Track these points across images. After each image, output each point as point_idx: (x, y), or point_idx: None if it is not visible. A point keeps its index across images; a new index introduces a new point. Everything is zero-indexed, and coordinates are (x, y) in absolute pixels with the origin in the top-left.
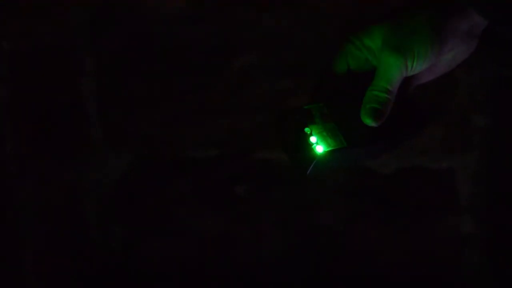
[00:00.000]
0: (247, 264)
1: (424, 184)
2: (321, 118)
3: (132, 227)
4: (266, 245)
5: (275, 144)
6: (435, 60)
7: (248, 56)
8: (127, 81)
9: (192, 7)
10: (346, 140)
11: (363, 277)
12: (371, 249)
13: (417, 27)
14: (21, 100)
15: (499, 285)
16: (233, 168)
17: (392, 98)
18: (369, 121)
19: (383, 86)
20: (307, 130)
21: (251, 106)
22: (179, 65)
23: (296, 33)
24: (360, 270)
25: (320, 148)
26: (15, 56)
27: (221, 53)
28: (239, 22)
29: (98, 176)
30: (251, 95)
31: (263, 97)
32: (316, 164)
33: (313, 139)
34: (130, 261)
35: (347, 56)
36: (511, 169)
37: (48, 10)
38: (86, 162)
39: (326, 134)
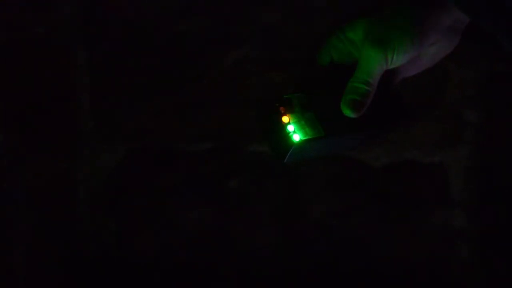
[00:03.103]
0: (240, 257)
1: (416, 178)
2: (300, 108)
3: (125, 220)
4: (259, 238)
5: (257, 133)
6: (416, 53)
7: (242, 49)
8: (119, 73)
9: (185, 0)
10: (325, 130)
11: (355, 270)
12: (363, 243)
13: (398, 21)
14: (14, 92)
15: (489, 279)
16: (226, 161)
17: (372, 90)
18: (348, 112)
19: (363, 78)
20: (285, 119)
21: (244, 100)
22: (172, 58)
23: (290, 27)
24: (352, 263)
25: (297, 137)
26: (8, 48)
27: (214, 46)
28: (233, 16)
29: (90, 168)
30: (244, 89)
31: (256, 90)
32: (293, 152)
33: (290, 127)
34: (122, 254)
35: (330, 48)
36: (502, 163)
37: (40, 2)
38: (78, 155)
39: (305, 123)
